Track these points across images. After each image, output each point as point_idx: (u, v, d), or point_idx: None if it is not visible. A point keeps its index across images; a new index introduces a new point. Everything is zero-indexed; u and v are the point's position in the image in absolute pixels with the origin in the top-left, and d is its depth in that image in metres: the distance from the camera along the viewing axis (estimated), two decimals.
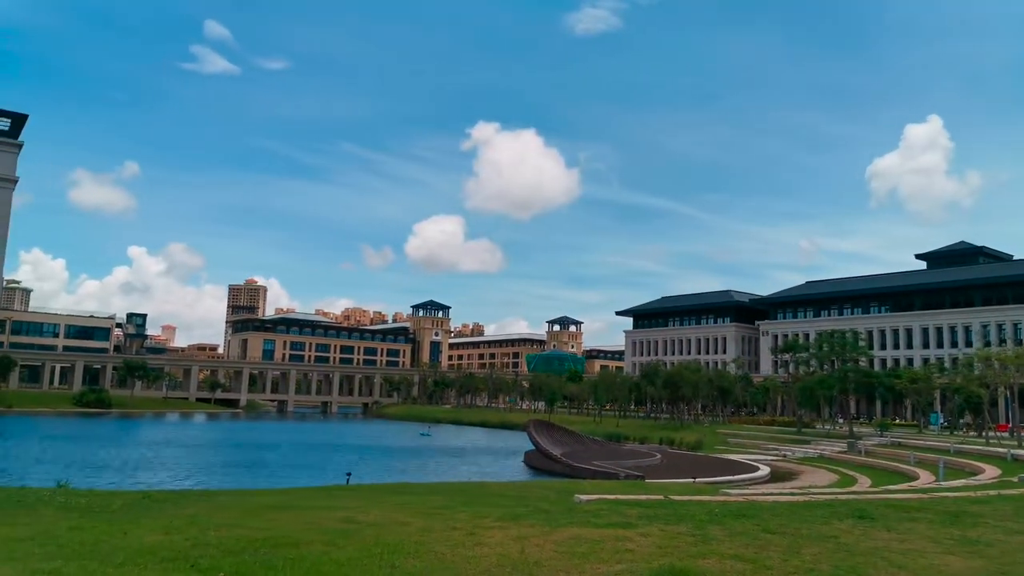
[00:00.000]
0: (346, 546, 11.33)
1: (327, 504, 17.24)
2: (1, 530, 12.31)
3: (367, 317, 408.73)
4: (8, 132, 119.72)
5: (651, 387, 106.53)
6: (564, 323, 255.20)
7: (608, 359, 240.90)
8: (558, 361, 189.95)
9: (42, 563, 9.57)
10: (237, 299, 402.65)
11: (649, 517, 14.90)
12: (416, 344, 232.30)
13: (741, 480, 46.29)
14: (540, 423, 69.47)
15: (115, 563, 9.69)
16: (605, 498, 18.92)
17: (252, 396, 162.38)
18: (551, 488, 24.44)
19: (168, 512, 15.50)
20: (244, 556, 10.33)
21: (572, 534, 12.63)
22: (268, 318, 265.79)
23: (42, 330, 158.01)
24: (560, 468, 53.04)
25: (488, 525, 13.74)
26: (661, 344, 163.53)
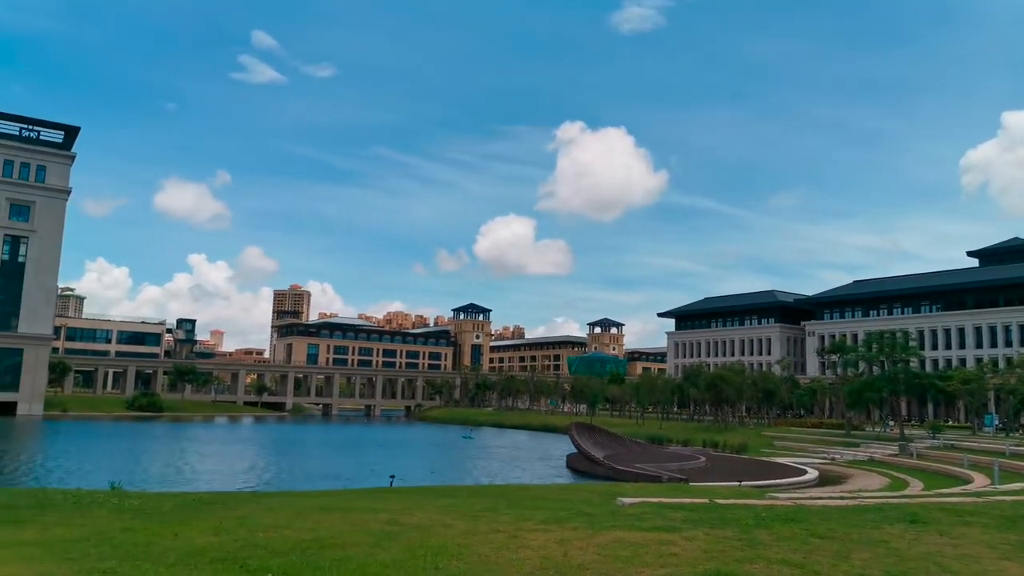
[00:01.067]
0: (391, 547, 11.43)
1: (372, 506, 17.41)
2: (58, 531, 12.72)
3: (409, 321, 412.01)
4: (61, 144, 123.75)
5: (694, 389, 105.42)
6: (605, 325, 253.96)
7: (650, 361, 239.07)
8: (599, 363, 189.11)
9: (97, 563, 9.85)
10: (282, 304, 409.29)
11: (694, 521, 14.73)
12: (457, 347, 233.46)
13: (788, 484, 45.50)
14: (582, 425, 69.20)
15: (167, 563, 9.93)
16: (648, 501, 18.76)
17: (297, 399, 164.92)
18: (593, 491, 24.32)
19: (218, 514, 15.82)
20: (291, 557, 10.50)
21: (615, 537, 12.55)
22: (312, 323, 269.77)
23: (95, 336, 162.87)
24: (602, 471, 52.76)
25: (531, 528, 13.73)
26: (704, 346, 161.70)
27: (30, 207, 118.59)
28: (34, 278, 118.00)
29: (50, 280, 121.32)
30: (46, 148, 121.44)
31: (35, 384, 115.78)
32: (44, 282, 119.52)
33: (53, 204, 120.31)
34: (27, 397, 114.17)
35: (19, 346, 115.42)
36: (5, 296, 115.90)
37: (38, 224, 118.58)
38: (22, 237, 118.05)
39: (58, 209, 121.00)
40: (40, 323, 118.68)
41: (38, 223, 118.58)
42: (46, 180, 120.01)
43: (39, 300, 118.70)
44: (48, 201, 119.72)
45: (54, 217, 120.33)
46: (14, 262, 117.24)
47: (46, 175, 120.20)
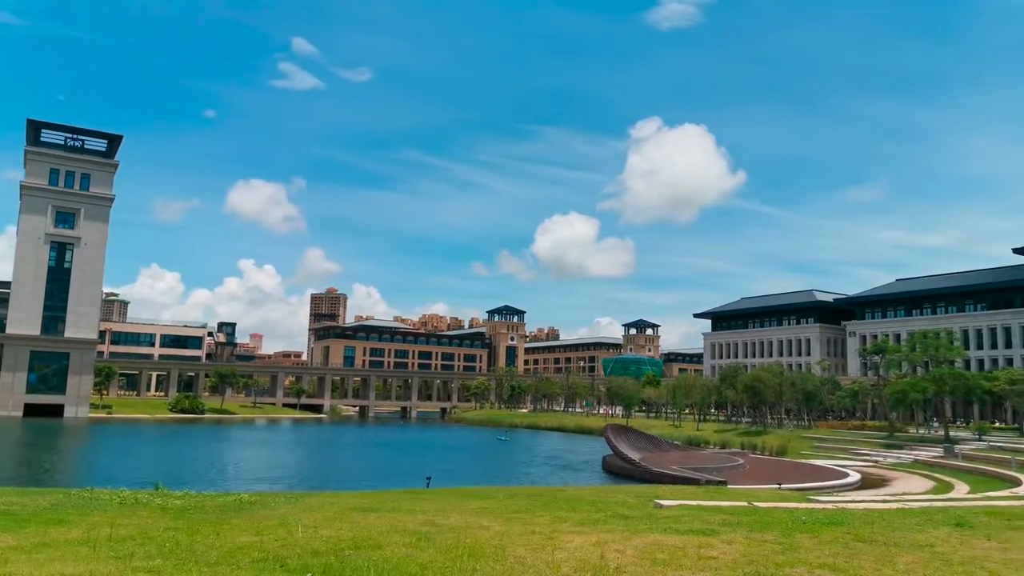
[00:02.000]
0: (427, 548, 11.50)
1: (408, 507, 17.54)
2: (105, 530, 13.02)
3: (444, 323, 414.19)
4: (105, 152, 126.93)
5: (731, 391, 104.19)
6: (640, 326, 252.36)
7: (686, 362, 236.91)
8: (635, 365, 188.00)
9: (143, 561, 10.07)
10: (319, 307, 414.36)
11: (732, 524, 14.56)
12: (492, 349, 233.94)
13: (830, 486, 44.74)
14: (618, 427, 68.83)
15: (209, 562, 10.11)
16: (686, 504, 18.60)
17: (335, 401, 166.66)
18: (630, 493, 24.18)
19: (258, 513, 16.07)
20: (330, 557, 10.61)
21: (652, 540, 12.46)
22: (348, 325, 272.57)
23: (139, 340, 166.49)
24: (639, 473, 52.42)
25: (567, 530, 13.70)
26: (741, 346, 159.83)
27: (75, 215, 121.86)
28: (80, 284, 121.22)
29: (95, 285, 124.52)
30: (90, 157, 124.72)
31: (81, 387, 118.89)
32: (89, 287, 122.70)
33: (97, 211, 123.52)
34: (73, 400, 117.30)
35: (65, 350, 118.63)
36: (52, 301, 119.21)
37: (83, 231, 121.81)
38: (68, 244, 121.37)
39: (102, 216, 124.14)
40: (85, 327, 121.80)
41: (83, 230, 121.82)
42: (90, 188, 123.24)
43: (85, 305, 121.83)
44: (92, 208, 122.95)
45: (98, 224, 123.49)
46: (60, 268, 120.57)
47: (90, 183, 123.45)
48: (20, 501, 17.27)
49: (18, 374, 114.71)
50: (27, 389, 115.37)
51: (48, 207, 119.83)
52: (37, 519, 14.18)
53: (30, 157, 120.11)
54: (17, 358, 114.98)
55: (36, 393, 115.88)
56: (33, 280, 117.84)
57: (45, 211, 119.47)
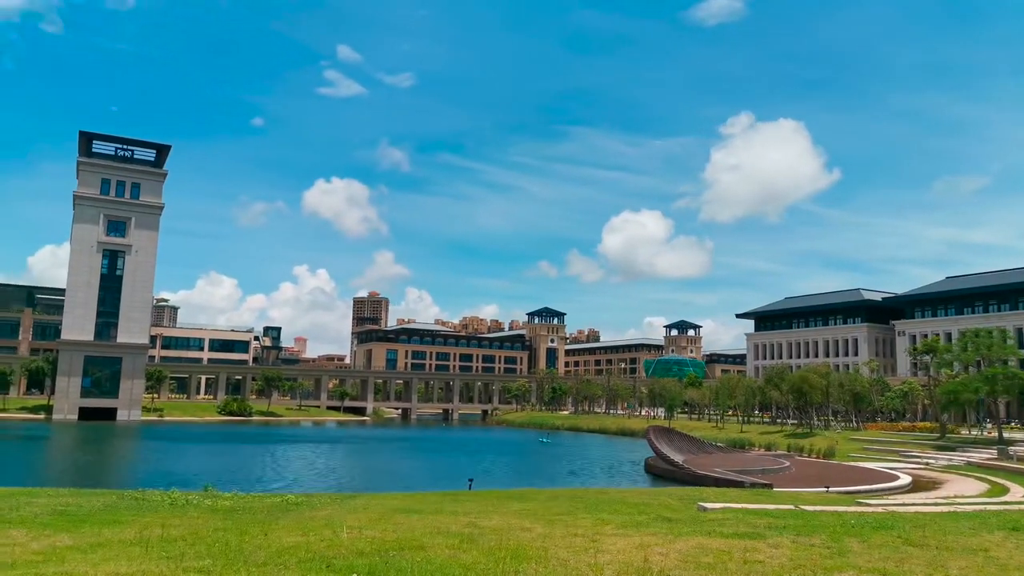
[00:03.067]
0: (470, 550, 11.56)
1: (451, 509, 17.65)
2: (157, 530, 13.37)
3: (484, 325, 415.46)
4: (154, 162, 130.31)
5: (776, 392, 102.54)
6: (682, 327, 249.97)
7: (729, 363, 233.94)
8: (677, 366, 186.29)
9: (193, 561, 10.32)
10: (361, 311, 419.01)
11: (779, 527, 14.35)
12: (532, 351, 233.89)
13: (879, 489, 43.74)
14: (660, 429, 68.23)
15: (257, 562, 10.32)
16: (731, 507, 18.39)
17: (377, 404, 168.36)
18: (673, 495, 23.97)
19: (305, 515, 16.34)
20: (375, 558, 10.75)
21: (697, 543, 12.35)
22: (390, 328, 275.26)
23: (189, 344, 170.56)
24: (682, 475, 51.89)
25: (609, 532, 13.65)
26: (786, 347, 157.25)
27: (126, 223, 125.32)
28: (131, 290, 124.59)
29: (146, 291, 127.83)
30: (140, 166, 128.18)
31: (133, 391, 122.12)
32: (140, 294, 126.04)
33: (147, 219, 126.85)
34: (126, 403, 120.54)
35: (118, 355, 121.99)
36: (105, 308, 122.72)
37: (134, 239, 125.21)
38: (119, 251, 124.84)
39: (152, 224, 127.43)
40: (137, 333, 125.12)
41: (134, 238, 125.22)
42: (140, 197, 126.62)
43: (136, 311, 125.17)
44: (143, 217, 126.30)
45: (148, 232, 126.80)
46: (112, 275, 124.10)
47: (140, 192, 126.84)
48: (76, 502, 17.81)
49: (73, 379, 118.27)
50: (82, 393, 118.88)
51: (100, 216, 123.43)
52: (92, 519, 14.63)
53: (82, 168, 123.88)
54: (72, 363, 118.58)
55: (90, 397, 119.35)
56: (86, 287, 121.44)
57: (97, 220, 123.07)
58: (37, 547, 11.32)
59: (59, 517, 14.80)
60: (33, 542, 11.78)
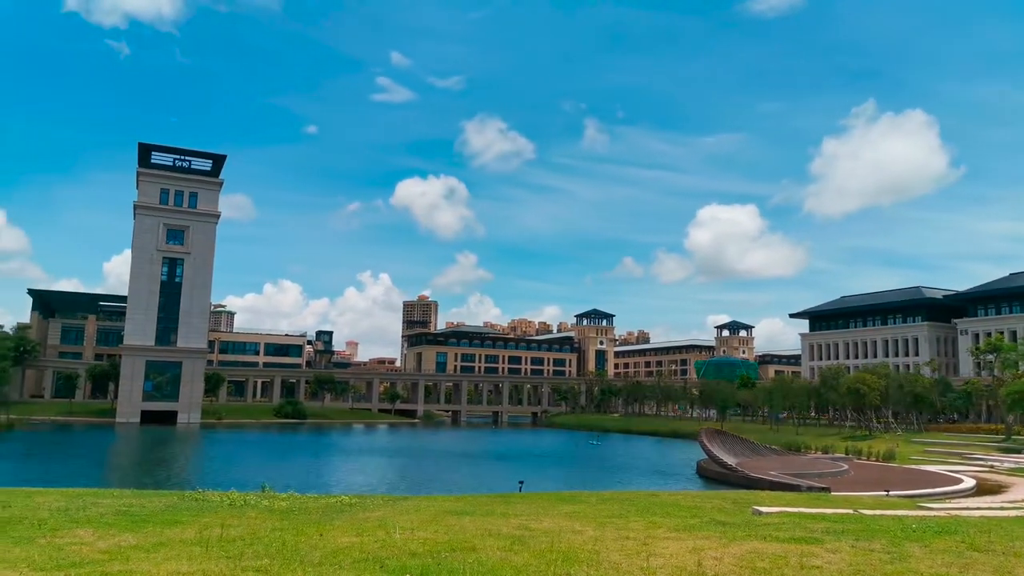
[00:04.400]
0: (521, 552, 11.57)
1: (502, 511, 17.69)
2: (215, 531, 13.72)
3: (532, 328, 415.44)
4: (210, 172, 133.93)
5: (833, 393, 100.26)
6: (734, 328, 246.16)
7: (783, 364, 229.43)
8: (728, 367, 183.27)
9: (251, 561, 10.56)
10: (411, 314, 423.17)
11: (837, 532, 14.02)
12: (581, 353, 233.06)
13: (942, 493, 42.41)
14: (713, 432, 67.32)
15: (313, 563, 10.50)
16: (787, 511, 18.04)
17: (428, 406, 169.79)
18: (726, 499, 23.60)
19: (358, 516, 16.57)
20: (427, 559, 10.84)
21: (751, 548, 12.14)
22: (440, 331, 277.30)
23: (245, 348, 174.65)
24: (735, 478, 51.09)
25: (662, 535, 13.52)
26: (842, 347, 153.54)
27: (184, 231, 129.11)
28: (190, 296, 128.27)
29: (204, 298, 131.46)
30: (197, 176, 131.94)
31: (193, 394, 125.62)
32: (199, 300, 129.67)
33: (204, 227, 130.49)
34: (186, 406, 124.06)
35: (178, 359, 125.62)
36: (165, 314, 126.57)
37: (192, 246, 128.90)
38: (178, 259, 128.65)
39: (209, 232, 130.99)
40: (196, 338, 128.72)
41: (192, 245, 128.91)
42: (197, 206, 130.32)
43: (195, 316, 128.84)
44: (200, 225, 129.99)
45: (206, 239, 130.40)
46: (172, 282, 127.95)
47: (197, 201, 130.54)
48: (139, 503, 18.38)
49: (135, 383, 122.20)
50: (143, 397, 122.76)
51: (159, 225, 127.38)
52: (154, 520, 15.08)
53: (142, 178, 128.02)
54: (134, 368, 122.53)
55: (152, 401, 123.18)
56: (147, 294, 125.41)
57: (157, 229, 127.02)
58: (103, 546, 11.72)
59: (123, 517, 15.31)
60: (99, 541, 12.20)
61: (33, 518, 14.60)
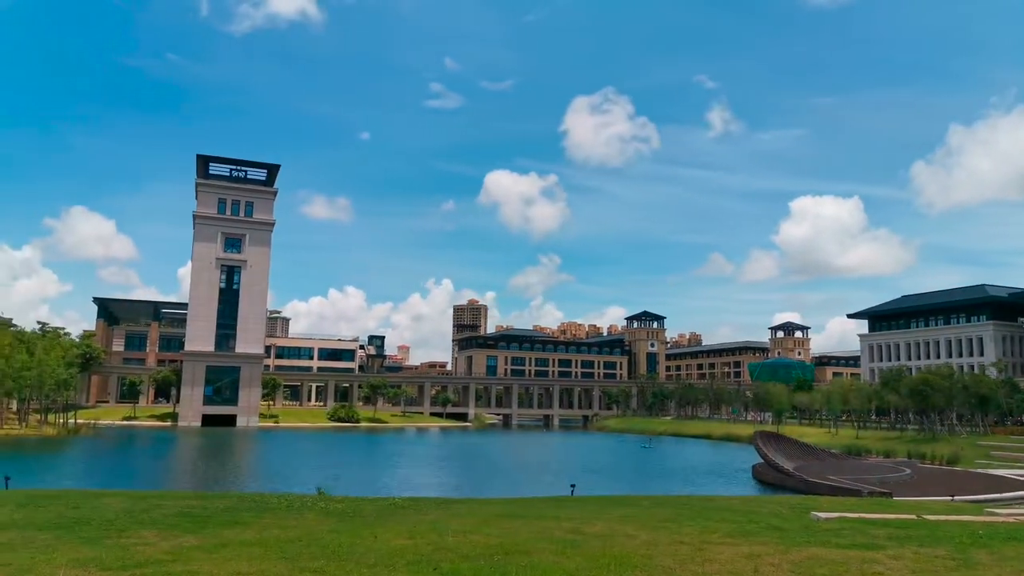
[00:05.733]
0: (574, 556, 11.54)
1: (554, 514, 17.67)
2: (274, 531, 14.02)
3: (582, 331, 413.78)
4: (265, 181, 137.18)
5: (894, 395, 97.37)
6: (789, 329, 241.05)
7: (841, 366, 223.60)
8: (784, 369, 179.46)
9: (309, 562, 10.78)
10: (461, 318, 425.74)
11: (900, 538, 13.63)
12: (632, 356, 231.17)
13: (1010, 498, 40.86)
14: (768, 435, 66.05)
15: (368, 564, 10.67)
16: (847, 516, 17.61)
17: (479, 410, 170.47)
18: (783, 504, 23.13)
19: (411, 518, 16.75)
20: (480, 562, 10.90)
21: (810, 554, 11.88)
22: (490, 335, 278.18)
23: (300, 353, 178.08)
24: (793, 483, 50.03)
25: (716, 541, 13.33)
26: (903, 348, 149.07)
27: (241, 240, 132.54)
28: (247, 303, 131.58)
29: (260, 304, 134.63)
30: (252, 186, 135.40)
31: (251, 398, 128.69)
32: (256, 306, 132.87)
33: (260, 236, 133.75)
34: (244, 410, 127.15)
35: (237, 364, 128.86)
36: (223, 320, 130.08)
37: (248, 254, 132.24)
38: (235, 267, 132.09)
39: (264, 240, 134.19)
40: (253, 343, 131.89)
41: (248, 253, 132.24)
42: (253, 214, 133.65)
43: (252, 322, 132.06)
44: (256, 233, 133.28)
45: (262, 247, 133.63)
46: (230, 289, 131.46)
47: (253, 210, 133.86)
48: (200, 504, 18.89)
49: (196, 388, 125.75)
50: (204, 401, 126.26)
51: (218, 234, 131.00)
52: (215, 521, 15.49)
53: (201, 189, 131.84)
54: (195, 373, 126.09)
55: (212, 404, 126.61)
56: (207, 301, 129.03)
57: (215, 238, 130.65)
58: (166, 547, 12.09)
59: (185, 519, 15.76)
60: (162, 542, 12.59)
61: (100, 519, 15.14)
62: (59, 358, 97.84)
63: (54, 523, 14.43)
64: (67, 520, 14.83)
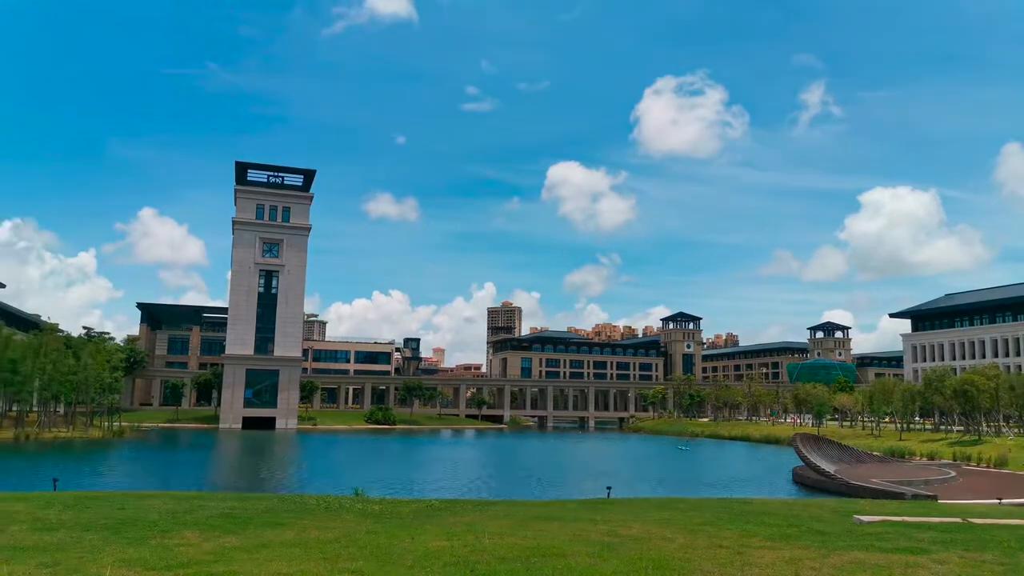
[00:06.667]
0: (611, 559, 11.49)
1: (590, 517, 17.60)
2: (313, 532, 14.20)
3: (617, 332, 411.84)
4: (301, 187, 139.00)
5: (938, 396, 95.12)
6: (828, 329, 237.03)
7: (882, 366, 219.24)
8: (824, 370, 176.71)
9: (347, 563, 10.89)
10: (496, 320, 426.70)
11: (944, 542, 13.32)
12: (668, 357, 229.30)
13: None
14: (809, 437, 64.94)
15: (406, 565, 10.74)
16: (890, 519, 17.25)
17: (514, 412, 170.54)
18: (825, 507, 22.74)
19: (448, 520, 16.83)
20: (516, 564, 10.91)
21: (853, 558, 11.67)
22: (524, 337, 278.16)
23: (336, 356, 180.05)
24: (834, 486, 49.16)
25: (756, 544, 13.16)
26: (947, 348, 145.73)
27: (278, 245, 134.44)
28: (285, 307, 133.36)
29: (298, 308, 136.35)
30: (289, 191, 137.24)
31: (289, 401, 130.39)
32: (293, 310, 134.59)
33: (297, 240, 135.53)
34: (283, 413, 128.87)
35: (275, 368, 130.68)
36: (262, 324, 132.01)
37: (286, 259, 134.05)
38: (273, 271, 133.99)
39: (301, 245, 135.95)
40: (291, 346, 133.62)
41: (286, 258, 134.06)
42: (290, 220, 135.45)
43: (289, 326, 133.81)
44: (293, 238, 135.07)
45: (298, 252, 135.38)
46: (268, 294, 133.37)
47: (290, 215, 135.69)
48: (241, 506, 19.21)
49: (236, 391, 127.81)
50: (244, 404, 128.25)
51: (256, 239, 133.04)
52: (256, 522, 15.74)
53: (239, 195, 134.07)
54: (235, 376, 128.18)
55: (252, 407, 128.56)
56: (246, 305, 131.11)
57: (254, 243, 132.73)
58: (208, 547, 12.32)
59: (226, 519, 16.04)
60: (205, 542, 12.83)
61: (145, 520, 15.48)
62: (104, 362, 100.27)
63: (101, 524, 14.79)
64: (113, 521, 15.19)
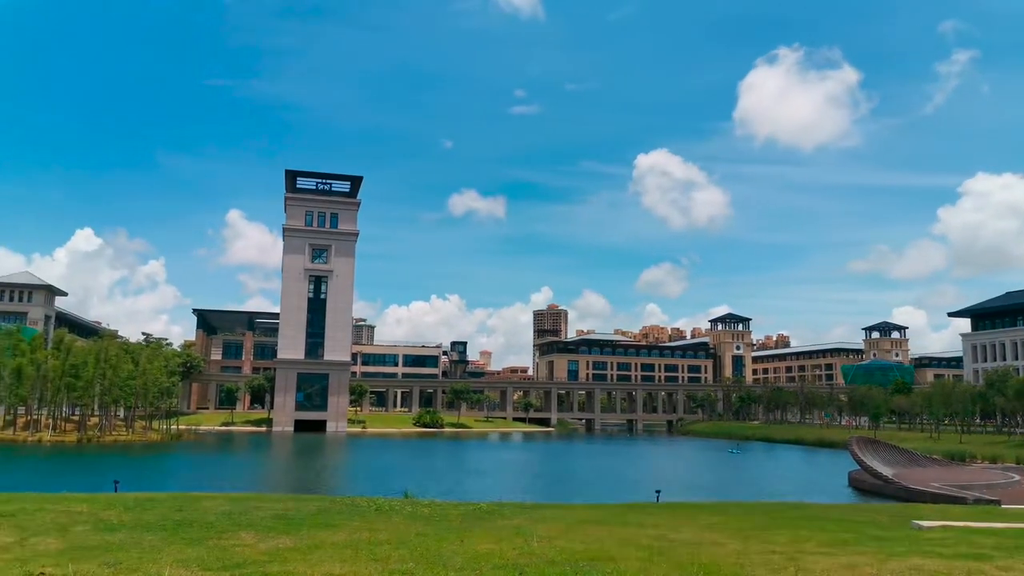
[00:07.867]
0: (661, 563, 11.37)
1: (639, 521, 17.46)
2: (364, 534, 14.38)
3: (665, 334, 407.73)
4: (348, 193, 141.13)
5: (1001, 397, 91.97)
6: (885, 329, 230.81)
7: (942, 367, 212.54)
8: (880, 371, 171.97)
9: (398, 564, 11.00)
10: (542, 323, 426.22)
11: (1009, 548, 12.86)
12: (717, 359, 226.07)
13: None
14: (865, 440, 63.35)
15: (455, 567, 10.80)
16: (951, 525, 16.73)
17: (561, 415, 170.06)
18: (882, 512, 22.16)
19: (497, 523, 16.87)
20: (565, 567, 10.87)
21: (913, 565, 11.34)
22: (571, 340, 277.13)
23: (385, 360, 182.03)
24: (891, 490, 47.84)
25: (811, 550, 12.89)
26: (1010, 347, 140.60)
27: (327, 251, 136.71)
28: (334, 312, 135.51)
29: (346, 312, 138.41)
30: (337, 198, 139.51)
31: (339, 404, 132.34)
32: (342, 314, 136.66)
33: (345, 246, 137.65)
34: (333, 416, 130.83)
35: (325, 371, 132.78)
36: (312, 329, 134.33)
37: (334, 264, 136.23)
38: (323, 277, 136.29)
39: (349, 250, 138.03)
40: (340, 351, 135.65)
41: (334, 264, 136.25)
42: (338, 226, 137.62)
43: (338, 330, 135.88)
44: (341, 244, 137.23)
45: (346, 258, 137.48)
46: (317, 299, 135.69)
47: (338, 221, 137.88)
48: (295, 507, 19.55)
49: (288, 394, 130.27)
50: (296, 407, 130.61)
51: (306, 246, 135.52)
52: (308, 523, 16.00)
53: (289, 203, 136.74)
54: (287, 380, 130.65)
55: (303, 410, 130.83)
56: (297, 311, 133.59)
57: (303, 250, 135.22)
58: (263, 548, 12.57)
59: (281, 521, 16.34)
60: (260, 543, 13.09)
61: (202, 521, 15.87)
62: (161, 367, 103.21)
63: (159, 524, 15.21)
64: (171, 522, 15.61)
